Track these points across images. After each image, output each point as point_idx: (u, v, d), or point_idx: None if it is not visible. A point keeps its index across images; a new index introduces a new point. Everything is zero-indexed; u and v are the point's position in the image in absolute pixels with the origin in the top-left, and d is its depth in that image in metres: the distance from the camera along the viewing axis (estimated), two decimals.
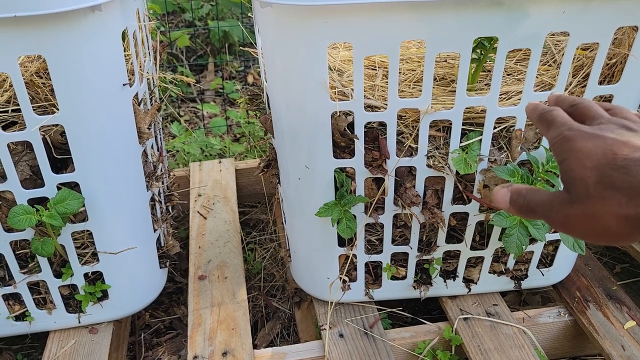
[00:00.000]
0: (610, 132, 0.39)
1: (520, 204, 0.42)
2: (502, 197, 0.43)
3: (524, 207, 0.41)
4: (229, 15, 2.47)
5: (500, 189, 0.43)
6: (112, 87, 0.79)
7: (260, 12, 0.75)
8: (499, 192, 0.43)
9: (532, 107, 0.48)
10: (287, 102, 0.81)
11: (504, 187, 0.43)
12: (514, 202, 0.42)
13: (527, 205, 0.41)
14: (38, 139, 0.77)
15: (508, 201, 0.42)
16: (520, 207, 0.42)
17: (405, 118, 0.82)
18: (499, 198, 0.43)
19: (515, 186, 0.43)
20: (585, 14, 0.71)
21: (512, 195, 0.42)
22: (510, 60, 0.91)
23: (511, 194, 0.42)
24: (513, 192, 0.42)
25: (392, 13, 0.69)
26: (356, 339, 0.96)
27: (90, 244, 0.90)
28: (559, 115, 0.44)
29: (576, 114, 0.45)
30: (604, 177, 0.37)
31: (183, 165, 1.61)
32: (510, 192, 0.43)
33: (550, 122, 0.44)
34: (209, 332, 0.97)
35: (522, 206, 0.41)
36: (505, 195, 0.43)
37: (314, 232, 0.93)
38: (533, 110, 0.48)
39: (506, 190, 0.43)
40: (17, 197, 0.81)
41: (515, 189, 0.43)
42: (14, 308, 0.94)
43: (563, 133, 0.41)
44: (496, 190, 0.43)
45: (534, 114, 0.47)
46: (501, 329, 0.97)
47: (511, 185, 0.43)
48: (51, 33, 0.69)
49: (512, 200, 0.42)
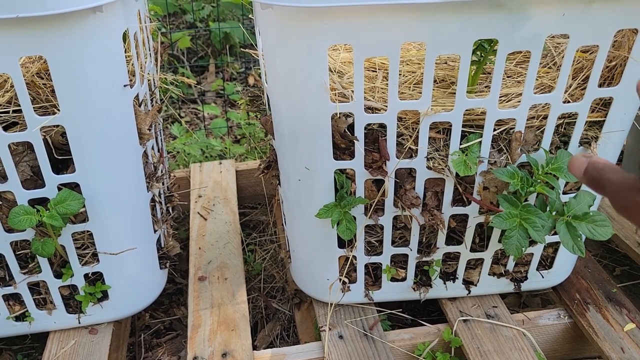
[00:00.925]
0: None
1: (592, 177, 0.41)
2: (578, 165, 0.42)
3: (595, 181, 0.41)
4: (230, 16, 2.48)
5: (579, 157, 0.42)
6: (113, 88, 0.79)
7: (261, 13, 0.75)
8: (578, 160, 0.42)
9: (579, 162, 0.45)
10: (287, 103, 0.81)
11: (584, 156, 0.42)
12: (587, 173, 0.41)
13: (598, 180, 0.40)
14: (39, 139, 0.77)
15: (582, 171, 0.41)
16: (591, 179, 0.41)
17: (405, 120, 0.82)
18: (575, 166, 0.42)
19: (594, 158, 0.42)
20: (585, 17, 0.71)
21: (588, 166, 0.41)
22: (511, 63, 0.91)
23: (588, 164, 0.41)
24: (590, 164, 0.41)
25: (393, 15, 0.69)
26: (356, 341, 0.96)
27: (90, 244, 0.90)
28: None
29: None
30: None
31: (183, 166, 1.61)
32: (588, 162, 0.41)
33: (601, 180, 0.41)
34: (208, 333, 0.97)
35: (593, 179, 0.41)
36: (582, 165, 0.41)
37: (314, 234, 0.93)
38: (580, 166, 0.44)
39: (585, 160, 0.42)
40: (18, 197, 0.81)
41: (594, 161, 0.41)
42: (14, 308, 0.94)
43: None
44: (575, 158, 0.42)
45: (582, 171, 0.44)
46: (501, 330, 0.97)
47: (591, 157, 0.42)
48: (52, 34, 0.70)
49: (586, 171, 0.41)
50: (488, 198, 0.88)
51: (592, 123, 0.85)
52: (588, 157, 0.42)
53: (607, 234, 0.82)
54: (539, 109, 0.83)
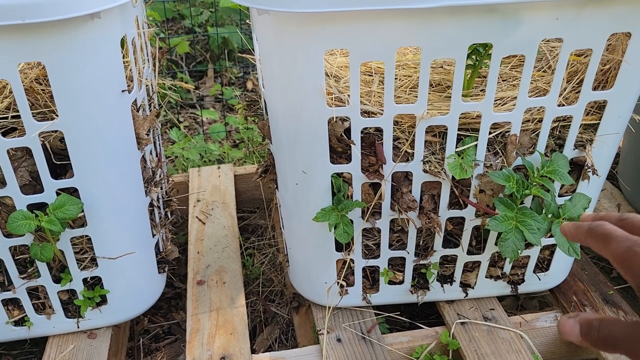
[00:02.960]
0: None
1: (594, 338, 0.37)
2: (570, 329, 0.38)
3: (600, 342, 0.37)
4: (229, 21, 2.49)
5: (566, 320, 0.38)
6: (111, 94, 0.80)
7: (257, 19, 0.76)
8: (566, 323, 0.38)
9: (572, 225, 0.44)
10: (284, 108, 0.82)
11: (570, 317, 0.39)
12: (585, 336, 0.37)
13: (604, 340, 0.36)
14: (37, 145, 0.78)
15: (578, 334, 0.38)
16: (595, 341, 0.37)
17: (401, 123, 0.83)
18: (567, 330, 0.38)
19: (583, 317, 0.38)
20: (579, 21, 0.72)
21: (582, 328, 0.38)
22: (506, 66, 0.92)
23: (580, 326, 0.38)
24: (583, 325, 0.38)
25: (388, 20, 0.70)
26: (354, 344, 0.97)
27: (89, 249, 0.91)
28: (614, 229, 0.40)
29: (627, 228, 0.41)
30: None
31: (182, 170, 1.61)
32: (579, 323, 0.38)
33: (607, 237, 0.39)
34: (207, 337, 0.97)
35: (598, 340, 0.37)
36: (573, 328, 0.38)
37: (312, 237, 0.93)
38: (576, 227, 0.43)
39: (574, 322, 0.38)
40: (17, 202, 0.81)
41: (585, 320, 0.38)
42: (13, 313, 0.95)
43: (633, 250, 0.37)
44: (563, 322, 0.39)
45: (579, 231, 0.43)
46: (498, 333, 0.98)
47: (578, 316, 0.38)
48: (51, 40, 0.70)
49: (584, 334, 0.38)
50: (484, 201, 0.88)
51: (587, 126, 0.86)
52: (575, 316, 0.38)
53: None
54: (534, 112, 0.83)
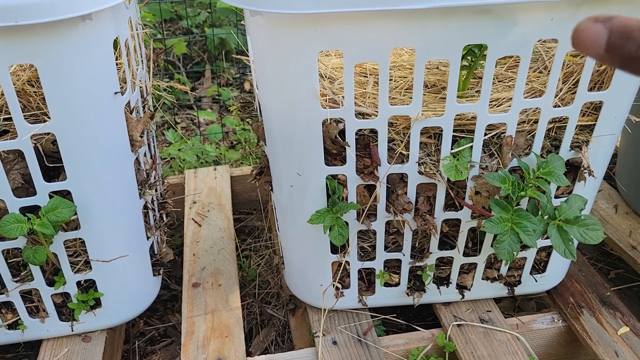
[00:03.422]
0: None
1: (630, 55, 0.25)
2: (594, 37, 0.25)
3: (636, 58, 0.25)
4: (226, 22, 2.48)
5: (591, 24, 0.26)
6: (104, 96, 0.79)
7: (250, 20, 0.75)
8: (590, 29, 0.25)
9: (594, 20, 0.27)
10: (278, 109, 0.81)
11: (599, 20, 0.26)
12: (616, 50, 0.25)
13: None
14: (30, 147, 0.77)
15: (604, 45, 0.25)
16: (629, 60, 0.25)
17: (396, 125, 0.82)
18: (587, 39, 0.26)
19: (619, 21, 0.25)
20: (574, 21, 0.71)
21: (612, 38, 0.25)
22: (502, 67, 0.92)
23: (611, 34, 0.25)
24: (616, 32, 0.25)
25: (382, 21, 0.70)
26: (350, 346, 0.96)
27: (82, 252, 0.90)
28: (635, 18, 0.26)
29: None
30: None
31: (178, 172, 1.61)
32: (609, 30, 0.25)
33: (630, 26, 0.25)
34: (202, 340, 0.97)
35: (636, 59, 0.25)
36: (600, 36, 0.25)
37: (307, 239, 0.93)
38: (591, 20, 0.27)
39: (602, 28, 0.25)
40: (9, 205, 0.81)
41: (621, 26, 0.25)
42: (6, 317, 0.94)
43: None
44: (584, 27, 0.26)
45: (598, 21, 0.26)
46: (495, 335, 0.97)
47: (612, 19, 0.25)
48: (42, 42, 0.70)
49: (614, 46, 0.25)
50: (480, 202, 0.88)
51: (582, 127, 0.85)
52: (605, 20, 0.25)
53: (598, 237, 0.82)
54: (529, 113, 0.83)
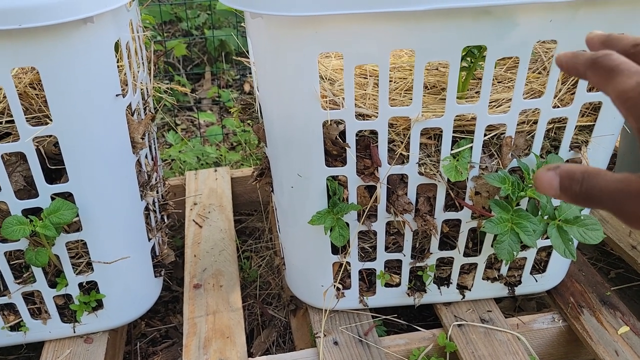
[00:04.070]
0: None
1: (575, 193, 0.31)
2: (548, 183, 0.32)
3: (582, 197, 0.31)
4: (226, 24, 2.48)
5: (544, 173, 0.32)
6: (105, 98, 0.80)
7: (251, 22, 0.75)
8: (544, 176, 0.32)
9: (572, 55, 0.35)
10: (278, 111, 0.81)
11: (550, 169, 0.32)
12: (566, 190, 0.31)
13: (586, 195, 0.31)
14: (32, 149, 0.77)
15: (557, 188, 0.32)
16: (575, 196, 0.31)
17: (396, 126, 0.83)
18: (544, 184, 0.32)
19: (564, 167, 0.32)
20: (573, 23, 0.72)
21: (562, 181, 0.31)
22: (501, 68, 0.92)
23: (561, 178, 0.31)
24: (563, 177, 0.31)
25: (381, 23, 0.70)
26: (351, 347, 0.96)
27: (84, 253, 0.91)
28: (623, 61, 0.32)
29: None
30: None
31: (179, 174, 1.61)
32: (559, 175, 0.32)
33: (613, 70, 0.32)
34: (203, 341, 0.97)
35: (579, 195, 0.31)
36: (552, 181, 0.32)
37: (308, 240, 0.93)
38: (574, 57, 0.35)
39: (553, 174, 0.32)
40: (11, 207, 0.81)
41: (566, 171, 0.31)
42: (8, 318, 0.94)
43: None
44: (540, 175, 0.32)
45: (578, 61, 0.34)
46: (495, 335, 0.98)
47: (560, 167, 0.32)
48: (44, 45, 0.70)
49: (564, 187, 0.31)
50: (480, 203, 0.88)
51: (582, 127, 0.86)
52: (554, 168, 0.32)
53: (598, 237, 0.82)
54: (529, 114, 0.83)
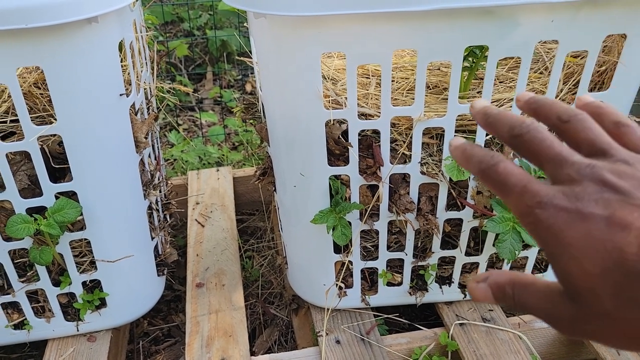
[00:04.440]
0: (595, 203, 0.28)
1: (510, 305, 0.32)
2: (483, 295, 0.32)
3: (518, 308, 0.31)
4: (227, 24, 2.49)
5: (475, 286, 0.32)
6: (109, 97, 0.80)
7: (254, 22, 0.76)
8: (476, 289, 0.32)
9: (460, 154, 0.34)
10: (281, 110, 0.82)
11: (479, 280, 0.32)
12: (501, 301, 0.32)
13: (521, 307, 0.31)
14: (36, 148, 0.78)
15: (493, 299, 0.32)
16: (511, 307, 0.32)
17: (398, 125, 0.83)
18: (480, 297, 0.32)
19: (493, 279, 0.32)
20: (574, 23, 0.72)
21: (494, 294, 0.32)
22: (503, 68, 0.92)
23: (492, 291, 0.32)
24: (494, 290, 0.32)
25: (384, 23, 0.70)
26: (353, 345, 0.97)
27: (88, 252, 0.91)
28: (509, 174, 0.31)
29: (523, 151, 0.32)
30: (621, 288, 0.27)
31: (181, 173, 1.62)
32: (489, 287, 0.32)
33: (503, 186, 0.31)
34: (206, 340, 0.98)
35: (515, 307, 0.31)
36: (485, 293, 0.32)
37: (310, 239, 0.94)
38: (465, 159, 0.33)
39: (484, 287, 0.32)
40: (16, 206, 0.82)
41: (495, 284, 0.32)
42: (12, 317, 0.95)
43: (534, 213, 0.29)
44: (473, 287, 0.32)
45: (470, 166, 0.33)
46: (497, 334, 0.98)
47: (489, 278, 0.32)
48: (48, 45, 0.71)
49: (498, 299, 0.32)
50: (482, 202, 0.89)
51: None
52: (484, 279, 0.32)
53: None
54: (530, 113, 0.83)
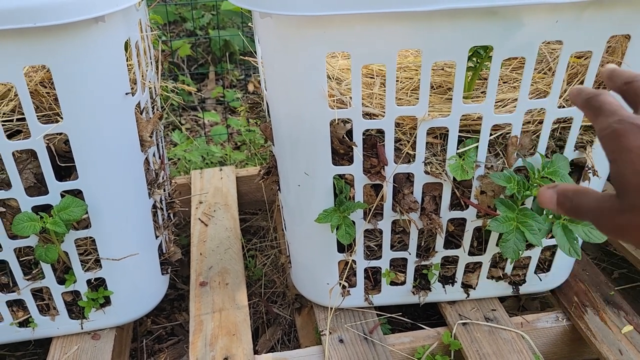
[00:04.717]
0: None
1: (568, 208, 0.39)
2: (549, 199, 0.40)
3: (573, 211, 0.39)
4: (230, 24, 2.50)
5: (545, 190, 0.40)
6: (115, 96, 0.80)
7: (260, 22, 0.76)
8: (545, 193, 0.40)
9: (577, 91, 0.43)
10: (286, 110, 0.82)
11: (550, 188, 0.40)
12: (561, 205, 0.40)
13: (575, 209, 0.39)
14: (42, 147, 0.78)
15: (555, 203, 0.40)
16: (568, 210, 0.39)
17: (403, 125, 0.84)
18: (546, 200, 0.40)
19: (561, 187, 0.40)
20: (579, 23, 0.72)
21: (558, 198, 0.40)
22: (506, 68, 0.93)
23: (557, 196, 0.40)
24: (560, 194, 0.40)
25: (389, 23, 0.71)
26: (356, 344, 0.97)
27: (93, 250, 0.92)
28: (607, 102, 0.39)
29: (630, 94, 0.41)
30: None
31: (184, 172, 1.62)
32: (556, 193, 0.40)
33: (598, 110, 0.39)
34: (210, 338, 0.98)
35: (570, 209, 0.39)
36: (552, 197, 0.40)
37: (314, 238, 0.94)
38: (577, 95, 0.43)
39: (552, 192, 0.40)
40: (22, 204, 0.82)
41: (562, 191, 0.40)
42: (17, 314, 0.95)
43: (612, 126, 0.37)
44: (542, 192, 0.40)
45: (578, 99, 0.42)
46: (500, 333, 0.98)
47: (557, 186, 0.40)
48: (56, 44, 0.71)
49: (560, 203, 0.40)
50: (485, 202, 0.89)
51: (587, 127, 0.86)
52: (554, 187, 0.40)
53: (602, 236, 0.83)
54: (534, 113, 0.84)
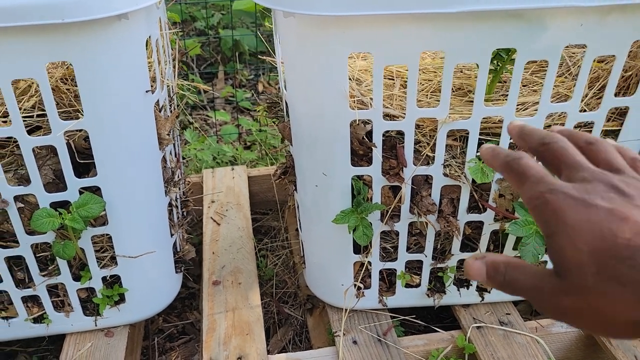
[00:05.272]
0: (601, 198, 0.32)
1: (500, 282, 0.35)
2: (477, 271, 0.36)
3: (506, 286, 0.35)
4: (240, 24, 2.50)
5: (473, 262, 0.36)
6: (135, 94, 0.80)
7: (282, 22, 0.76)
8: (473, 265, 0.36)
9: (491, 152, 0.40)
10: (306, 110, 0.82)
11: (478, 259, 0.36)
12: (492, 279, 0.35)
13: (508, 285, 0.35)
14: (62, 143, 0.78)
15: (485, 276, 0.36)
16: (500, 285, 0.35)
17: (422, 127, 0.83)
18: (474, 273, 0.36)
19: (490, 258, 0.36)
20: (603, 27, 0.72)
21: (488, 271, 0.36)
22: (526, 72, 0.92)
23: (487, 268, 0.36)
24: (489, 267, 0.36)
25: (412, 24, 0.71)
26: (370, 346, 0.97)
27: (109, 247, 0.92)
28: (530, 166, 0.36)
29: (548, 157, 0.38)
30: (605, 267, 0.30)
31: (195, 172, 1.62)
32: (485, 265, 0.36)
33: (522, 175, 0.36)
34: (223, 337, 0.98)
35: (503, 285, 0.35)
36: (480, 270, 0.36)
37: (330, 239, 0.94)
38: (494, 156, 0.40)
39: (480, 264, 0.36)
40: (40, 200, 0.82)
41: (492, 263, 0.36)
42: (32, 310, 0.95)
43: (545, 197, 0.34)
44: (469, 263, 0.36)
45: (496, 161, 0.39)
46: (514, 338, 0.98)
47: (486, 257, 0.36)
48: (78, 40, 0.71)
49: (490, 277, 0.36)
50: (504, 205, 0.89)
51: (608, 132, 0.86)
52: (482, 258, 0.36)
53: None
54: (555, 117, 0.84)
